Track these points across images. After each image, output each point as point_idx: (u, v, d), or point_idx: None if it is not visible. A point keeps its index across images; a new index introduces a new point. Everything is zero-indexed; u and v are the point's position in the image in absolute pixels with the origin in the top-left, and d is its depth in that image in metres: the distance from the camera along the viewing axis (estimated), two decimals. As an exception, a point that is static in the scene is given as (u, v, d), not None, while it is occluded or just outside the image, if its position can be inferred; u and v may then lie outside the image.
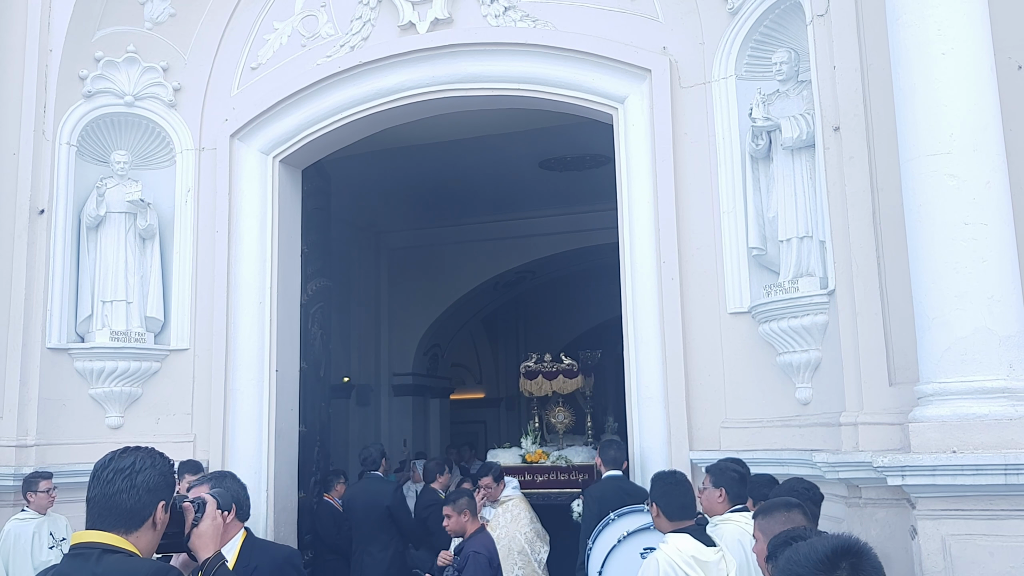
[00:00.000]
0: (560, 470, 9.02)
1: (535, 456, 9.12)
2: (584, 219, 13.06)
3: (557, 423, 10.05)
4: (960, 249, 4.25)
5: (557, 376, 10.10)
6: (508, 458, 9.25)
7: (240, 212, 7.49)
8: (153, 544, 2.51)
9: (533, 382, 10.15)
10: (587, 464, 8.90)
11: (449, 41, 7.10)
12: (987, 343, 4.18)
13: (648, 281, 6.43)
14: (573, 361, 10.26)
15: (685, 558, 3.81)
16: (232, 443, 7.19)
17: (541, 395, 10.20)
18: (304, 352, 7.99)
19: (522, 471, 8.98)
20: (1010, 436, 4.05)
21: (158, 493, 2.50)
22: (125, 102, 7.58)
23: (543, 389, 10.13)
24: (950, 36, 4.43)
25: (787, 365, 5.76)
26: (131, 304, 7.40)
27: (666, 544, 3.92)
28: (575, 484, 8.71)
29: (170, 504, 2.55)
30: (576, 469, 8.99)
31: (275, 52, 7.64)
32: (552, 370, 10.16)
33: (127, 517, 2.43)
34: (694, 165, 6.37)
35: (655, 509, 4.09)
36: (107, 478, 2.46)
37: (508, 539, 6.75)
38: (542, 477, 8.94)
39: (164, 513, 2.51)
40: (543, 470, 9.04)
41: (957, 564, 4.07)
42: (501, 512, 7.01)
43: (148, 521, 2.46)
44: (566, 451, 9.26)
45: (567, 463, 9.03)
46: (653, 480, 4.25)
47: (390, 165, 10.95)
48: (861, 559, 2.01)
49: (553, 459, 9.11)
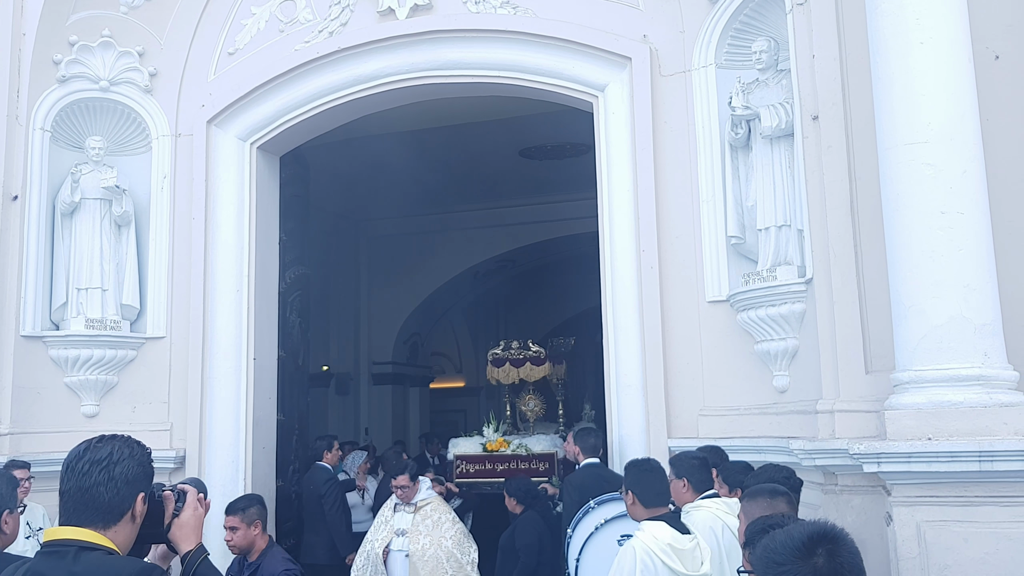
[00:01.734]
0: (520, 459, 8.95)
1: (496, 445, 9.04)
2: (564, 208, 13.06)
3: (528, 411, 10.01)
4: (937, 238, 4.28)
5: (524, 364, 10.02)
6: (469, 447, 9.18)
7: (217, 199, 7.43)
8: (132, 538, 2.40)
9: (500, 370, 10.07)
10: (547, 452, 8.86)
11: (428, 27, 7.06)
12: (963, 331, 4.21)
13: (627, 269, 6.44)
14: (540, 348, 10.16)
15: (661, 546, 3.82)
16: (209, 432, 7.15)
17: (509, 383, 10.11)
18: (282, 341, 7.95)
19: (482, 460, 8.96)
20: (984, 423, 4.08)
21: (137, 484, 2.38)
22: (100, 87, 7.48)
23: (510, 377, 10.04)
24: (928, 25, 4.44)
25: (765, 353, 5.78)
26: (106, 292, 7.33)
27: (642, 532, 3.92)
28: (535, 473, 8.63)
29: (149, 495, 2.44)
30: (536, 458, 8.92)
31: (253, 37, 7.57)
32: (519, 357, 10.07)
33: (105, 511, 2.32)
34: (674, 154, 6.37)
35: (630, 497, 4.09)
36: (82, 470, 2.34)
37: (434, 547, 6.42)
38: (502, 466, 8.87)
39: (143, 505, 2.40)
40: (503, 459, 8.96)
41: (932, 550, 4.10)
42: (420, 520, 6.59)
43: (127, 514, 2.35)
44: (526, 439, 9.16)
45: (527, 452, 8.95)
46: (627, 468, 4.25)
47: (369, 152, 10.89)
48: (837, 545, 2.02)
49: (513, 448, 9.02)
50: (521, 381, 10.09)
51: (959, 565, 4.05)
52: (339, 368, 14.96)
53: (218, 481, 7.06)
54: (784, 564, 1.99)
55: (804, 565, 1.98)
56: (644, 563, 3.77)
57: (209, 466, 7.10)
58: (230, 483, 7.08)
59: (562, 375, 10.50)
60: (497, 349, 10.28)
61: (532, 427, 9.90)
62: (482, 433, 9.34)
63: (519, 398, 10.21)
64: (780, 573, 1.98)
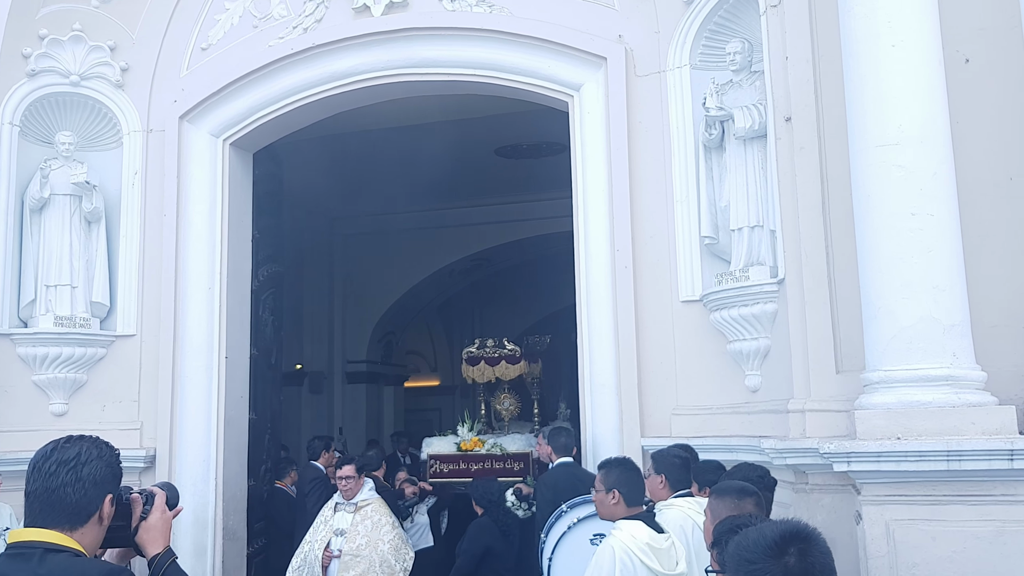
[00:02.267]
0: (495, 458, 8.86)
1: (470, 444, 8.95)
2: (540, 207, 13.05)
3: (503, 410, 9.90)
4: (907, 239, 4.32)
5: (499, 362, 9.91)
6: (443, 446, 9.09)
7: (189, 195, 7.36)
8: (99, 540, 2.37)
9: (475, 368, 9.97)
10: (522, 452, 8.77)
11: (404, 25, 7.03)
12: (932, 332, 4.25)
13: (602, 269, 6.45)
14: (516, 347, 10.06)
15: (640, 545, 3.81)
16: (180, 431, 7.08)
17: (484, 381, 10.00)
18: (255, 339, 7.89)
19: (456, 459, 8.87)
20: (953, 423, 4.13)
21: (105, 486, 2.35)
22: (70, 82, 7.39)
23: (485, 375, 9.94)
24: (900, 28, 4.48)
25: (737, 353, 5.82)
26: (76, 289, 7.23)
27: (619, 531, 3.91)
28: (510, 472, 8.57)
29: (117, 496, 2.41)
30: (511, 457, 8.85)
31: (226, 33, 7.50)
32: (494, 356, 9.97)
33: (71, 513, 2.28)
34: (648, 154, 6.39)
35: (615, 495, 4.05)
36: (49, 470, 2.31)
37: (370, 549, 6.29)
38: (476, 466, 8.78)
39: (111, 507, 2.37)
40: (477, 458, 8.87)
41: (900, 548, 4.14)
42: (359, 520, 6.48)
43: (94, 516, 2.32)
44: (501, 439, 9.09)
45: (502, 451, 8.87)
46: (610, 466, 4.21)
47: (344, 150, 10.82)
48: (809, 544, 2.03)
49: (488, 447, 8.93)
50: (496, 380, 9.99)
51: (927, 564, 4.09)
52: (313, 367, 14.88)
53: (189, 481, 7.00)
54: (756, 563, 1.99)
55: (776, 564, 1.99)
56: (623, 562, 3.76)
57: (180, 466, 7.04)
58: (201, 483, 7.02)
59: (537, 374, 10.42)
60: (472, 347, 10.17)
61: (507, 426, 9.81)
62: (456, 432, 9.26)
63: (494, 397, 10.12)
64: (752, 571, 1.99)
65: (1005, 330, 4.52)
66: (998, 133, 4.67)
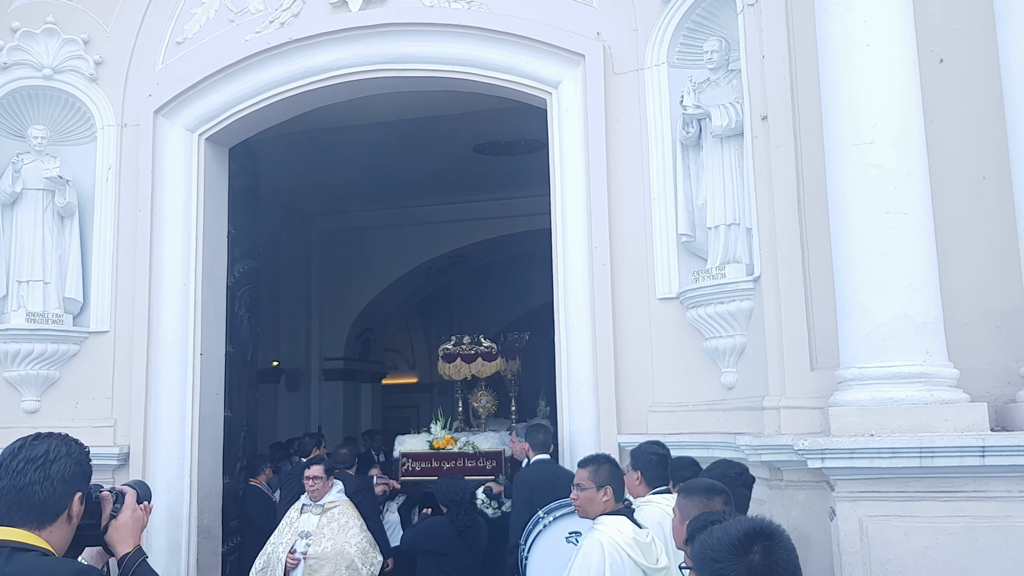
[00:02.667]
0: (468, 456, 8.74)
1: (443, 442, 8.83)
2: (518, 204, 13.04)
3: (480, 407, 9.79)
4: (881, 237, 4.36)
5: (476, 359, 9.79)
6: (416, 444, 8.98)
7: (164, 191, 7.28)
8: (68, 539, 2.33)
9: (451, 365, 9.85)
10: (495, 451, 8.67)
11: (382, 20, 6.99)
12: (905, 329, 4.29)
13: (579, 267, 6.45)
14: (492, 344, 9.95)
15: (627, 540, 3.83)
16: (154, 428, 7.01)
17: (460, 379, 9.89)
18: (230, 335, 7.83)
19: (429, 457, 8.77)
20: (925, 420, 4.17)
21: (74, 484, 2.31)
22: (43, 75, 7.30)
23: (462, 372, 9.83)
24: (875, 28, 4.52)
25: (713, 350, 5.84)
26: (48, 284, 7.15)
27: (604, 527, 3.91)
28: (482, 471, 8.48)
29: (86, 495, 2.37)
30: (484, 456, 8.73)
31: (202, 27, 7.43)
32: (471, 353, 9.85)
33: (40, 511, 2.25)
34: (626, 152, 6.40)
35: (608, 492, 4.05)
36: (17, 468, 2.27)
37: (335, 553, 6.10)
38: (449, 464, 8.68)
39: (80, 505, 2.33)
40: (450, 456, 8.76)
41: (873, 544, 4.18)
42: (326, 522, 6.27)
43: (63, 514, 2.28)
44: (474, 437, 8.99)
45: (474, 449, 8.75)
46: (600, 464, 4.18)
47: (321, 146, 10.77)
48: (773, 542, 2.03)
49: (460, 445, 8.81)
50: (473, 377, 9.90)
51: (899, 559, 4.13)
52: (290, 364, 14.80)
53: (163, 479, 6.94)
54: (720, 561, 2.00)
55: (740, 562, 1.99)
56: (613, 557, 3.76)
57: (154, 463, 6.97)
58: (175, 480, 6.96)
59: (515, 371, 10.31)
60: (448, 344, 10.04)
61: (484, 424, 9.71)
62: (430, 430, 9.15)
63: (471, 394, 10.04)
64: (716, 570, 2.00)
65: (977, 328, 4.57)
66: (971, 132, 4.72)
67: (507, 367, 10.06)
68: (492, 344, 9.96)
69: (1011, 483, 4.09)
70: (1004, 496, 4.10)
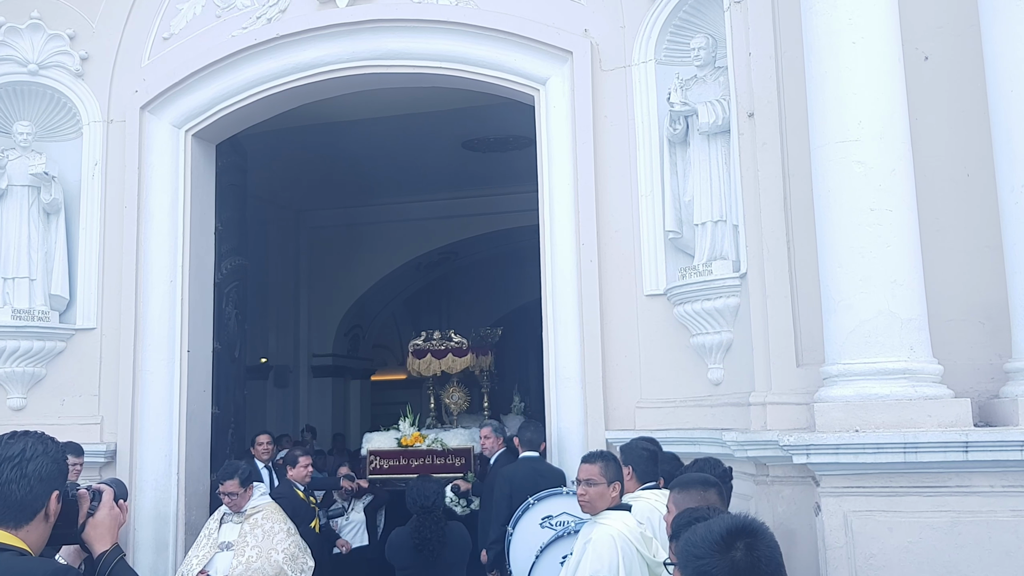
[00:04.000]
0: (436, 454, 8.60)
1: (411, 440, 8.68)
2: (507, 200, 13.05)
3: (452, 404, 9.59)
4: (866, 234, 4.38)
5: (446, 355, 9.60)
6: (384, 442, 8.82)
7: (150, 187, 7.26)
8: (44, 538, 2.31)
9: (422, 361, 9.65)
10: (464, 448, 8.54)
11: (370, 16, 6.98)
12: (890, 326, 4.31)
13: (567, 263, 6.46)
14: (463, 339, 9.74)
15: (634, 533, 3.87)
16: (141, 425, 7.00)
17: (430, 375, 9.67)
18: (218, 332, 7.82)
19: (397, 455, 8.62)
20: (910, 416, 4.20)
21: (51, 482, 2.29)
22: (28, 71, 7.27)
23: (432, 368, 9.62)
24: (861, 25, 4.54)
25: (700, 346, 5.86)
26: (34, 281, 7.13)
27: (612, 520, 3.95)
28: (451, 469, 8.36)
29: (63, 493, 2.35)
30: (453, 453, 8.58)
31: (188, 22, 7.40)
32: (441, 348, 9.64)
33: (17, 510, 2.23)
34: (614, 148, 6.41)
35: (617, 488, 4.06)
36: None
37: (262, 560, 5.59)
38: (417, 461, 8.55)
39: (57, 504, 2.32)
40: (418, 454, 8.60)
41: (858, 539, 4.21)
42: (249, 529, 5.73)
43: (40, 513, 2.27)
44: (442, 434, 8.85)
45: (443, 447, 8.61)
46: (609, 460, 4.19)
47: (309, 142, 10.75)
48: (757, 539, 2.04)
49: (429, 442, 8.66)
50: (443, 373, 9.67)
51: (884, 554, 4.16)
52: (278, 360, 14.76)
53: (150, 476, 6.94)
54: (703, 557, 2.01)
55: (723, 559, 2.00)
56: (625, 550, 3.81)
57: (141, 460, 6.96)
58: (163, 478, 6.95)
59: (487, 366, 10.07)
60: (419, 340, 9.83)
61: (456, 420, 9.51)
62: (398, 427, 8.99)
63: (443, 391, 9.82)
64: (699, 567, 2.00)
65: (961, 324, 4.60)
66: (956, 130, 4.74)
67: (478, 363, 9.85)
68: (463, 340, 9.75)
69: (994, 478, 4.12)
70: (987, 491, 4.13)
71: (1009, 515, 4.09)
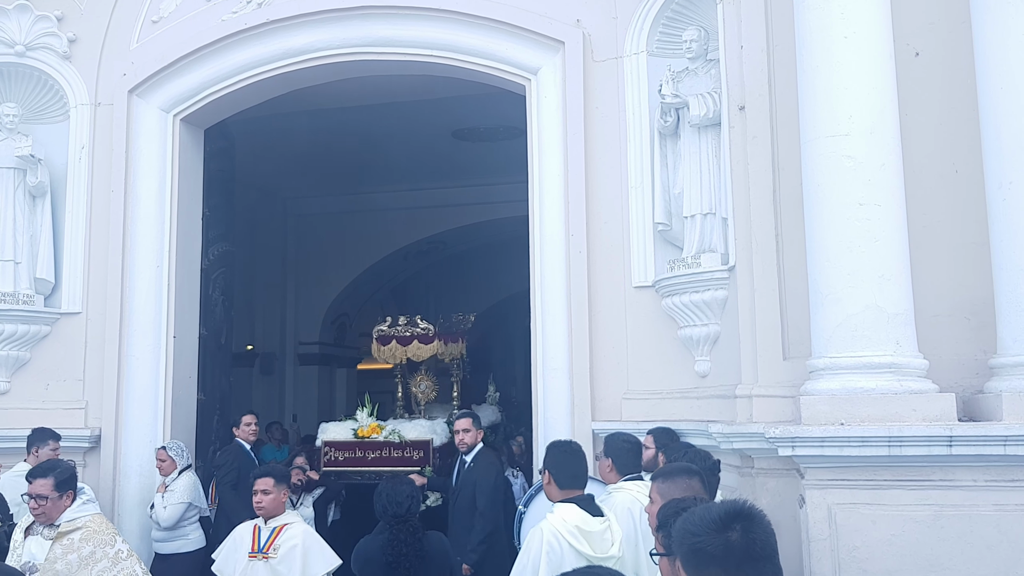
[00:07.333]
0: (393, 446, 8.12)
1: (368, 431, 8.20)
2: (497, 191, 13.01)
3: (419, 393, 9.05)
4: (854, 228, 4.40)
5: (412, 341, 9.03)
6: (339, 432, 8.35)
7: (138, 171, 7.21)
8: None
9: (387, 348, 9.04)
10: (422, 440, 8.11)
11: (361, 3, 6.93)
12: (876, 320, 4.34)
13: (556, 254, 6.46)
14: (429, 326, 9.18)
15: (569, 528, 3.86)
16: (126, 410, 6.97)
17: (395, 362, 9.16)
18: (204, 318, 7.78)
19: (352, 446, 8.20)
20: (895, 410, 4.22)
21: None
22: (15, 52, 7.20)
23: (397, 356, 9.05)
24: (852, 20, 4.55)
25: (688, 338, 5.87)
26: (19, 264, 7.09)
27: (552, 514, 3.97)
28: (409, 462, 7.93)
29: None
30: (410, 445, 8.10)
31: (178, 6, 7.34)
32: (406, 335, 9.07)
33: None
34: (604, 139, 6.40)
35: (547, 476, 4.12)
36: None
37: None
38: (373, 453, 8.10)
39: None
40: (375, 446, 8.13)
41: (841, 532, 4.24)
42: (61, 552, 4.33)
43: None
44: (400, 425, 8.36)
45: (400, 439, 8.15)
46: (548, 448, 4.28)
47: (299, 129, 10.68)
48: (753, 522, 2.09)
49: (386, 434, 8.18)
50: (409, 360, 9.10)
51: (867, 546, 4.19)
52: (264, 348, 14.72)
53: (135, 462, 6.91)
54: (699, 536, 2.06)
55: (718, 538, 2.05)
56: (551, 545, 3.81)
57: (126, 446, 6.93)
58: (147, 464, 6.91)
59: (457, 354, 9.50)
60: (383, 325, 9.20)
61: (423, 410, 9.02)
62: (355, 417, 8.50)
63: (411, 379, 9.25)
64: (694, 543, 2.05)
65: (947, 319, 4.63)
66: (945, 126, 4.76)
67: (446, 350, 9.32)
68: (429, 326, 9.21)
69: (977, 472, 4.16)
70: (970, 485, 4.16)
71: (991, 509, 4.12)
